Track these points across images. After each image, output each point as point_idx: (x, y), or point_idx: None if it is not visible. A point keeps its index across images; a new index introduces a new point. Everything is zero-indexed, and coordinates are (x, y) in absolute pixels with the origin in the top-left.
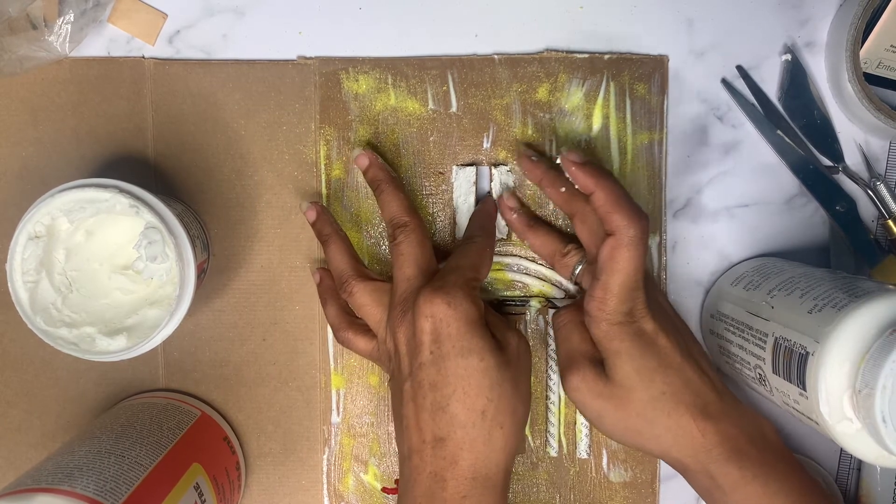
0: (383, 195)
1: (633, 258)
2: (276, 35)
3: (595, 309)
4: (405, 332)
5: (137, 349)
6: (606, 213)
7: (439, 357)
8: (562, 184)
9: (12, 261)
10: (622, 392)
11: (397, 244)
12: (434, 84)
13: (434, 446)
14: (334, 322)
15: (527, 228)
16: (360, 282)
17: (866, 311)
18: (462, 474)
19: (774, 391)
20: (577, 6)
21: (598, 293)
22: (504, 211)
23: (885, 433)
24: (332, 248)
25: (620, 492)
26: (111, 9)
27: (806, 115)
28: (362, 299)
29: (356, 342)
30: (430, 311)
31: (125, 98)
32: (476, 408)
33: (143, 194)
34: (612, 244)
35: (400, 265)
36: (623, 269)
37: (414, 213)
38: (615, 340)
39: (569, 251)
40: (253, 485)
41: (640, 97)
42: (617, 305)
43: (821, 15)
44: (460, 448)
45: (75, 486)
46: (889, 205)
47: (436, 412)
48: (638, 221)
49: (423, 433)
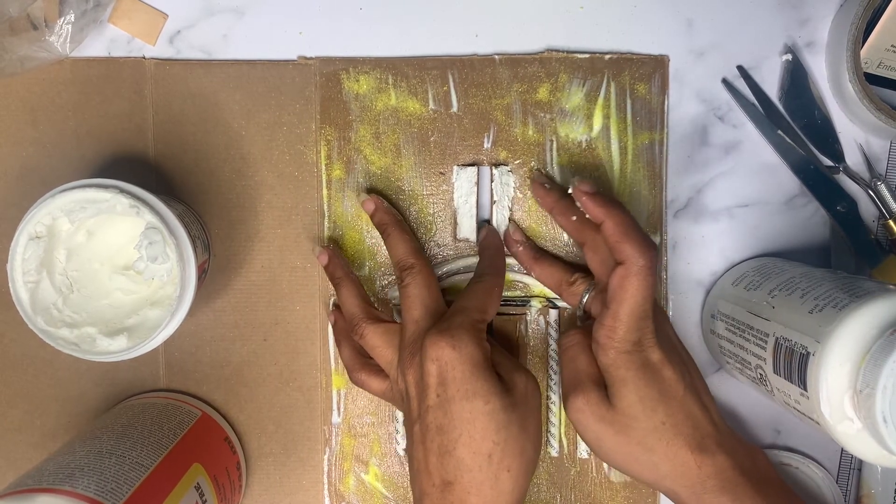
0: (390, 238)
1: (643, 287)
2: (277, 35)
3: (604, 337)
4: (414, 374)
5: (138, 349)
6: (616, 242)
7: (445, 400)
8: (573, 213)
9: (13, 261)
10: (624, 419)
11: (405, 286)
12: (435, 84)
13: (442, 490)
14: (348, 363)
15: (532, 261)
16: (370, 324)
17: (867, 311)
18: None
19: (775, 391)
20: (577, 6)
21: (607, 321)
22: (510, 244)
23: (885, 433)
24: (344, 292)
25: (621, 492)
26: (112, 9)
27: (806, 115)
28: (373, 341)
29: (370, 383)
30: (435, 355)
31: (126, 98)
32: (482, 451)
33: (144, 194)
34: (621, 273)
35: (408, 307)
36: (632, 298)
37: (420, 256)
38: (622, 369)
39: (575, 280)
40: (254, 485)
41: (641, 97)
42: (625, 334)
43: (821, 15)
44: (467, 492)
45: (76, 486)
46: (890, 205)
47: (443, 456)
48: (647, 251)
49: (432, 477)
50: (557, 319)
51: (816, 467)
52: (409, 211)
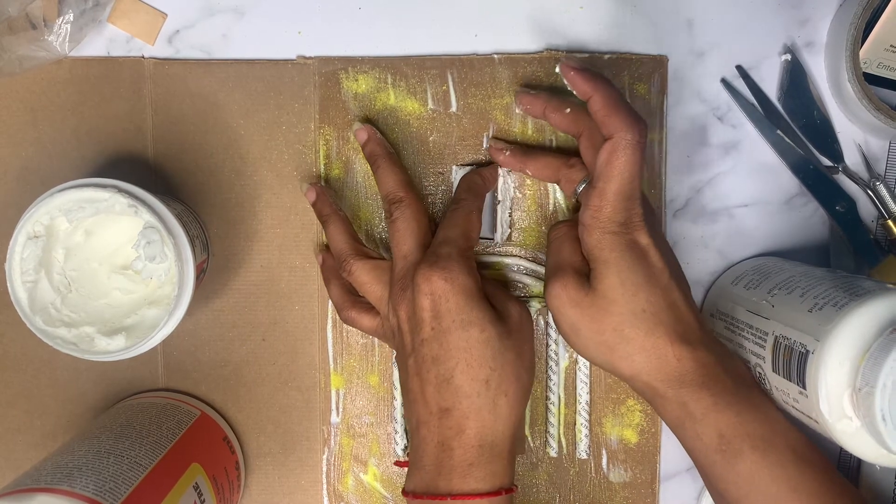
0: (380, 170)
1: (631, 162)
2: (276, 35)
3: (589, 217)
4: (406, 308)
5: (136, 349)
6: (604, 116)
7: (440, 332)
8: (566, 105)
9: (11, 260)
10: (602, 303)
11: (394, 220)
12: (434, 84)
13: (440, 417)
14: (338, 301)
15: (525, 157)
16: (358, 260)
17: (866, 310)
18: (468, 442)
19: (774, 390)
20: (577, 6)
21: (593, 201)
22: (495, 154)
23: (884, 432)
24: (332, 229)
25: (620, 492)
26: (111, 9)
27: (806, 115)
28: (362, 277)
29: (360, 320)
30: (428, 289)
31: (125, 98)
32: (479, 378)
33: (142, 194)
34: (609, 148)
35: (397, 242)
36: (620, 174)
37: (410, 189)
38: (605, 249)
39: (574, 163)
40: (252, 485)
41: (641, 97)
42: (612, 214)
43: (821, 15)
44: (466, 417)
45: (75, 485)
46: (889, 205)
47: (440, 385)
48: (636, 125)
49: (429, 405)
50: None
51: None
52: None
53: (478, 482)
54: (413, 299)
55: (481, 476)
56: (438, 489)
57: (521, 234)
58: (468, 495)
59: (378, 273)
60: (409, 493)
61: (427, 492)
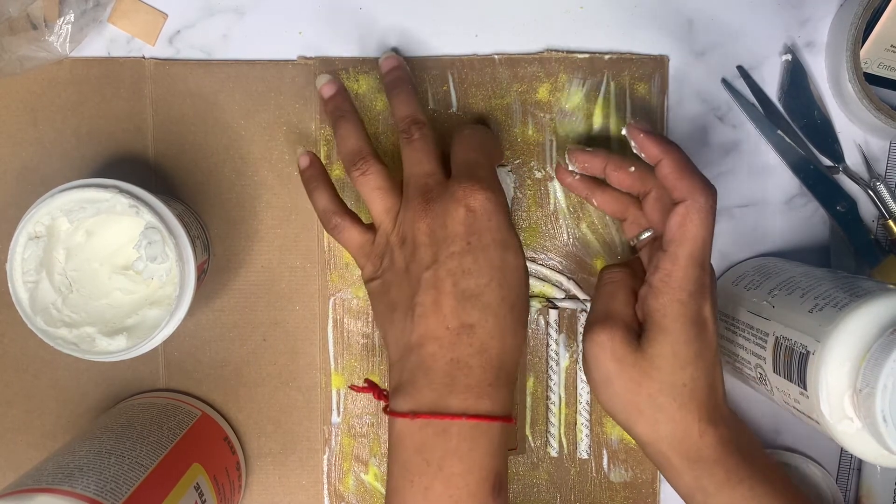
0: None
1: (704, 227)
2: (276, 35)
3: (659, 280)
4: (430, 222)
5: (137, 349)
6: (677, 180)
7: (478, 247)
8: (630, 163)
9: (12, 261)
10: (647, 367)
11: (414, 140)
12: (434, 84)
13: (459, 333)
14: (328, 206)
15: (594, 186)
16: (377, 162)
17: (867, 311)
18: (490, 363)
19: (775, 391)
20: (577, 6)
21: (665, 265)
22: (564, 175)
23: (885, 432)
24: (348, 126)
25: (621, 492)
26: (111, 9)
27: (806, 115)
28: (376, 181)
29: (350, 231)
30: (468, 202)
31: (125, 98)
32: (508, 300)
33: (143, 194)
34: (682, 212)
35: (418, 160)
36: (693, 239)
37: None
38: (668, 317)
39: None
40: (253, 485)
41: (641, 97)
42: (682, 281)
43: (821, 15)
44: (491, 336)
45: (76, 486)
46: (889, 205)
47: (466, 300)
48: (708, 189)
49: (447, 320)
50: (557, 320)
51: (816, 467)
52: None
53: (494, 404)
54: (446, 212)
55: (498, 398)
56: (450, 408)
57: (521, 235)
58: (487, 416)
59: (392, 183)
60: (407, 412)
61: (434, 411)
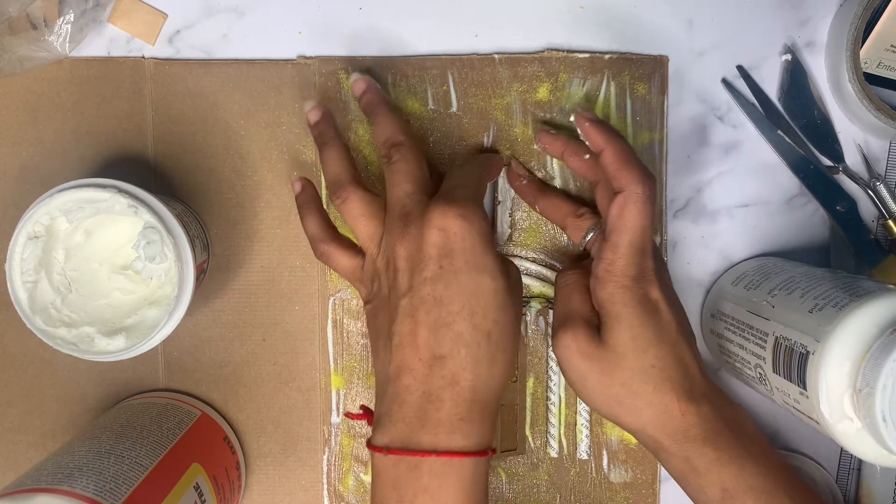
0: (378, 118)
1: (641, 216)
2: (276, 35)
3: (602, 270)
4: (407, 246)
5: (137, 349)
6: (616, 170)
7: (450, 272)
8: (585, 151)
9: (11, 261)
10: (613, 357)
11: (394, 162)
12: (434, 83)
13: (431, 365)
14: (317, 233)
15: (538, 192)
16: (358, 189)
17: (867, 311)
18: (461, 395)
19: (775, 391)
20: (577, 6)
21: (606, 254)
22: (513, 178)
23: (885, 432)
24: (333, 153)
25: (621, 492)
26: (111, 9)
27: (806, 115)
28: (358, 209)
29: (338, 257)
30: (442, 224)
31: (125, 98)
32: (483, 328)
33: (142, 194)
34: (620, 202)
35: (398, 182)
36: (632, 228)
37: (409, 134)
38: (618, 304)
39: (583, 213)
40: (253, 485)
41: (641, 97)
42: (625, 267)
43: (821, 15)
44: (462, 368)
45: (75, 486)
46: (889, 205)
47: (438, 329)
48: (646, 180)
49: (420, 351)
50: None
51: (816, 467)
52: None
53: (466, 439)
54: (420, 235)
55: (470, 433)
56: (421, 444)
57: (521, 235)
58: (457, 453)
59: (375, 208)
60: (381, 447)
61: (406, 447)
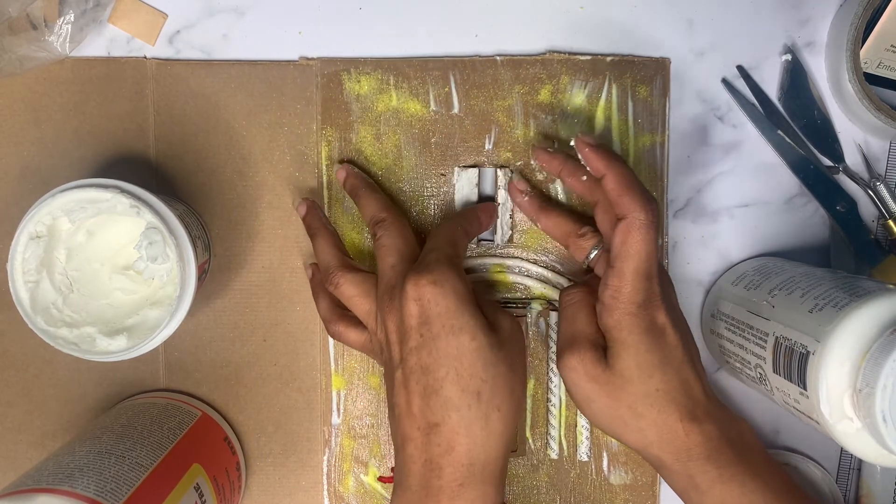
0: (361, 199)
1: (645, 241)
2: (276, 35)
3: (609, 297)
4: (394, 319)
5: (138, 349)
6: (618, 196)
7: (429, 339)
8: (583, 172)
9: (13, 261)
10: (619, 381)
11: (378, 238)
12: (436, 85)
13: (428, 433)
14: (325, 315)
15: (539, 210)
16: (346, 273)
17: (867, 311)
18: (458, 461)
19: (775, 391)
20: (577, 6)
21: (612, 281)
22: (514, 194)
23: (885, 432)
24: (321, 242)
25: (621, 494)
26: (111, 9)
27: (806, 115)
28: (349, 290)
29: (347, 335)
30: (416, 294)
31: (127, 98)
32: (470, 389)
33: (144, 194)
34: (623, 229)
35: (382, 256)
36: (637, 254)
37: (391, 209)
38: (624, 331)
39: (585, 233)
40: (253, 485)
41: (642, 99)
42: (631, 294)
43: (821, 15)
44: (456, 433)
45: (76, 486)
46: (889, 205)
47: (428, 397)
48: (648, 205)
49: (416, 420)
50: (558, 322)
51: (816, 467)
52: (410, 212)
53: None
54: (401, 307)
55: (471, 498)
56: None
57: (522, 236)
58: None
59: (366, 287)
60: None
61: None
